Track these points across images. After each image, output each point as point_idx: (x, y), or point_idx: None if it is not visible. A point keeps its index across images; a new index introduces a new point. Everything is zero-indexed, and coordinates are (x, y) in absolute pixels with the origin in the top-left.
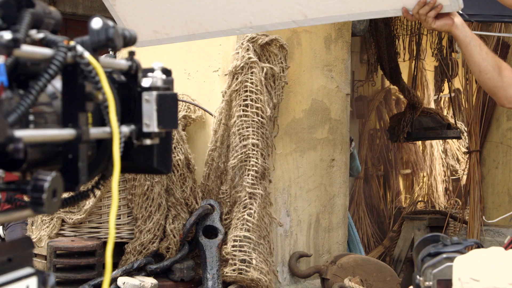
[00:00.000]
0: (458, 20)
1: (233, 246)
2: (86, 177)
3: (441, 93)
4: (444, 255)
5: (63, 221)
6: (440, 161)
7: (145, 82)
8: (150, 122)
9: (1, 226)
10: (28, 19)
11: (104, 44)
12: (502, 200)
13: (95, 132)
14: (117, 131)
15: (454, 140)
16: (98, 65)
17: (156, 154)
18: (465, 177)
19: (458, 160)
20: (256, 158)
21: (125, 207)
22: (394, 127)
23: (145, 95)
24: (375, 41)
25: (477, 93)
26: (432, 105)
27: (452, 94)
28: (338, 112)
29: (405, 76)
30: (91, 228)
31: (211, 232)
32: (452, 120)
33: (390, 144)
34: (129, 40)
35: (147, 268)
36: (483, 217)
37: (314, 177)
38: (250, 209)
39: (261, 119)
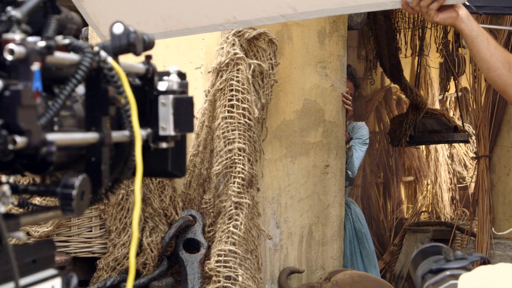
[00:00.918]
0: (463, 12)
1: (217, 262)
2: (108, 179)
3: (446, 93)
4: (448, 272)
5: (28, 234)
6: (446, 167)
7: (161, 86)
8: (167, 125)
9: None
10: (54, 25)
11: (126, 49)
12: None
13: (115, 135)
14: (139, 134)
15: (461, 144)
16: (121, 70)
17: (170, 158)
18: (473, 185)
19: (465, 166)
20: (243, 164)
21: (97, 219)
22: (395, 130)
23: (162, 99)
24: (374, 35)
25: (486, 92)
26: (437, 106)
27: (459, 94)
28: (333, 113)
29: (407, 74)
30: (60, 242)
31: (192, 246)
32: (459, 122)
33: (391, 149)
34: (148, 44)
35: (121, 286)
36: (493, 229)
37: (306, 185)
38: (236, 220)
39: (248, 121)
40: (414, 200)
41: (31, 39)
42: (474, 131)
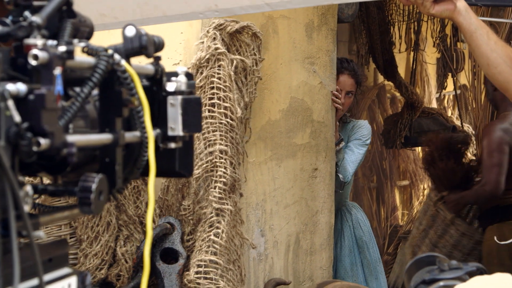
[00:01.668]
0: (461, 4)
1: (196, 273)
2: (121, 180)
3: (444, 90)
4: (441, 283)
5: None
6: None
7: (170, 87)
8: (175, 126)
9: None
10: (70, 29)
11: (138, 51)
12: None
13: (127, 136)
14: (152, 135)
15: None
16: (134, 72)
17: (178, 158)
18: None
19: None
20: (225, 168)
21: (67, 227)
22: (389, 131)
23: (170, 99)
24: (366, 29)
25: (486, 90)
26: (434, 104)
27: (458, 91)
28: (322, 112)
29: (401, 70)
30: None
31: (170, 256)
32: (457, 122)
33: (385, 151)
34: (158, 46)
35: None
36: (495, 238)
37: (293, 190)
38: (217, 228)
39: (231, 121)
40: (410, 206)
41: (50, 43)
42: (474, 132)
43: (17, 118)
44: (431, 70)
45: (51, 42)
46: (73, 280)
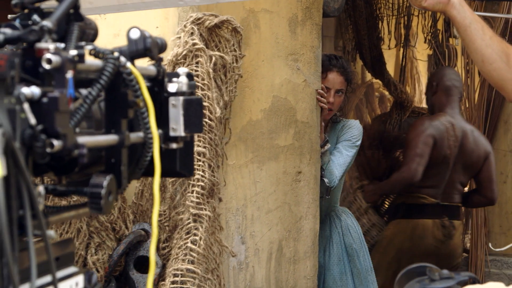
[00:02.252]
0: None
1: (173, 283)
2: (127, 180)
3: None
4: None
5: None
6: None
7: (171, 88)
8: (177, 126)
9: None
10: (77, 32)
11: (142, 53)
12: None
13: (131, 137)
14: (157, 136)
15: None
16: (139, 74)
17: (179, 158)
18: None
19: None
20: (203, 171)
21: None
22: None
23: (172, 100)
24: (353, 24)
25: (480, 89)
26: (425, 104)
27: None
28: (306, 112)
29: (390, 67)
30: None
31: (144, 265)
32: None
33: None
34: (161, 48)
35: None
36: (489, 245)
37: (275, 194)
38: (195, 235)
39: (209, 122)
40: None
41: (58, 45)
42: None
43: (32, 120)
44: (422, 67)
45: (60, 45)
46: (80, 279)
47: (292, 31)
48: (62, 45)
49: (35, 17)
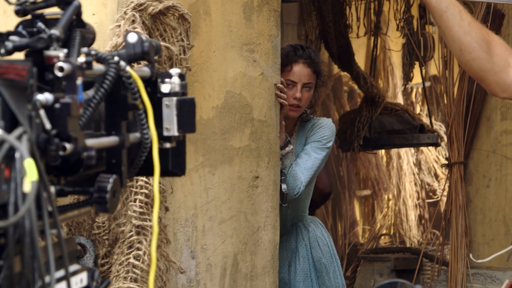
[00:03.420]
0: None
1: None
2: (126, 180)
3: (411, 82)
4: None
5: None
6: (412, 178)
7: (165, 88)
8: (171, 126)
9: None
10: (79, 38)
11: (140, 57)
12: (496, 232)
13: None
14: (156, 137)
15: (430, 148)
16: (138, 78)
17: (171, 157)
18: (445, 199)
19: (436, 176)
20: (146, 177)
21: None
22: (346, 131)
23: (165, 101)
24: (316, 10)
25: (459, 82)
26: (400, 99)
27: (427, 84)
28: (264, 109)
29: (360, 59)
30: None
31: None
32: (426, 120)
33: (341, 154)
34: (157, 50)
35: None
36: (470, 256)
37: (230, 202)
38: (138, 249)
39: None
40: (372, 220)
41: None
42: (446, 131)
43: (48, 125)
44: (395, 58)
45: (64, 51)
46: (84, 276)
47: (247, 18)
48: (65, 50)
49: (40, 24)
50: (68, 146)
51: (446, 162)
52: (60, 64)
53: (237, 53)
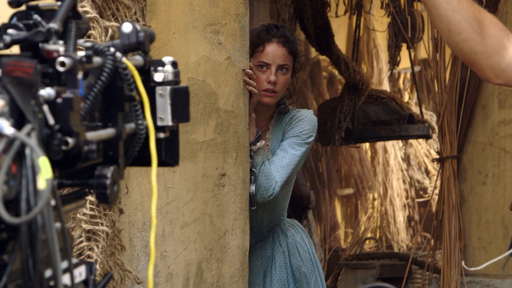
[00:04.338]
0: None
1: None
2: (123, 171)
3: (398, 67)
4: None
5: None
6: (400, 175)
7: (158, 77)
8: (164, 116)
9: None
10: (75, 30)
11: (135, 47)
12: (494, 235)
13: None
14: (152, 128)
15: (420, 141)
16: (134, 69)
17: (164, 147)
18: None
19: (427, 172)
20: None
21: None
22: (325, 122)
23: (159, 90)
24: None
25: (452, 66)
26: (386, 86)
27: (416, 68)
28: (231, 98)
29: (341, 41)
30: None
31: None
32: (416, 109)
33: (320, 149)
34: (151, 39)
35: None
36: (463, 264)
37: (193, 203)
38: (89, 257)
39: None
40: (355, 222)
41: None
42: (437, 122)
43: (51, 121)
44: (381, 39)
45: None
46: (82, 269)
47: None
48: (61, 42)
49: (36, 16)
50: (70, 140)
51: (438, 156)
52: (61, 59)
53: (200, 35)
